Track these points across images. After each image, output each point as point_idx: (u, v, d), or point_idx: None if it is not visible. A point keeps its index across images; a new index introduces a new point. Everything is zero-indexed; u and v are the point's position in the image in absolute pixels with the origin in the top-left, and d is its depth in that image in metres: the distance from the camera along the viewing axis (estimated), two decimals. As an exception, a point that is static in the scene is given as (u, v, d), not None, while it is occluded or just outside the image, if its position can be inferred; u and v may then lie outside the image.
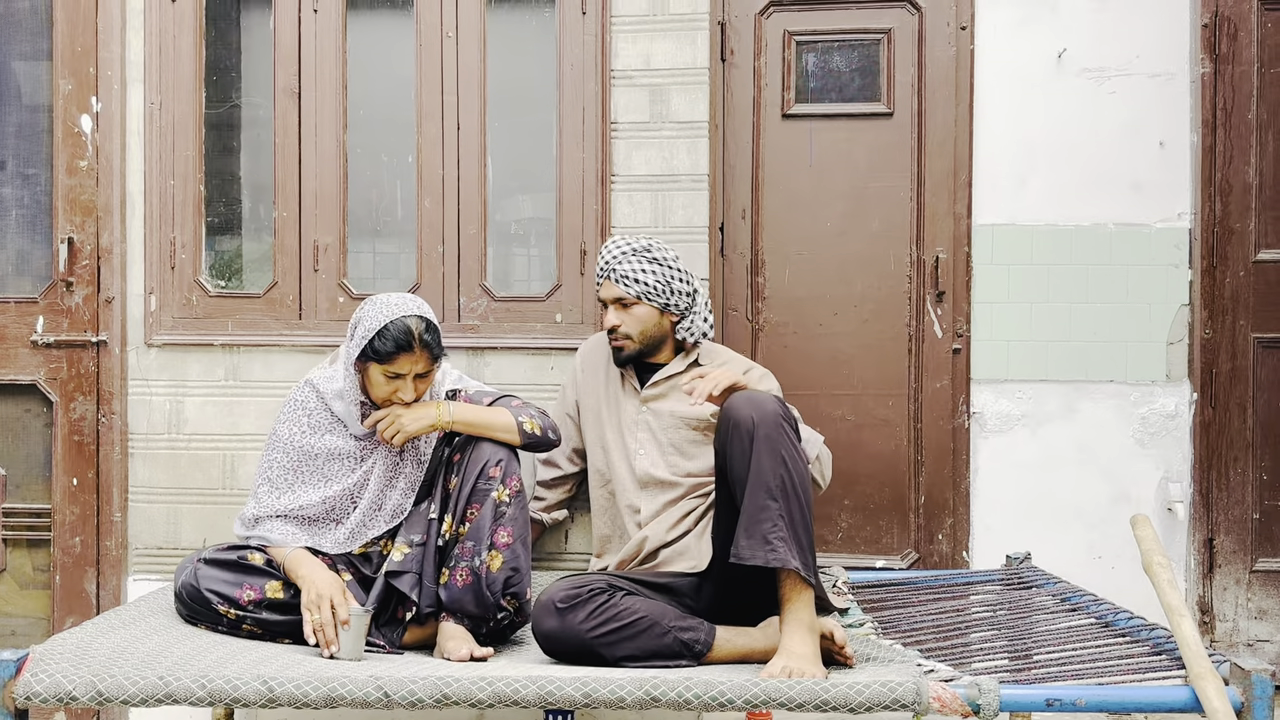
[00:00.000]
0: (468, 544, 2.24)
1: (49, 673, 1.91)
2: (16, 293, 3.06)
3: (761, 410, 2.12)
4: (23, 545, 3.08)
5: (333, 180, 3.01)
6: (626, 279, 2.52)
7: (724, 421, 2.18)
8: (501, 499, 2.27)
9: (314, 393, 2.39)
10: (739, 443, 2.11)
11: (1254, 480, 3.06)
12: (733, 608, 2.26)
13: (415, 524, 2.33)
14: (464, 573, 2.23)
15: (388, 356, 2.25)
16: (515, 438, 2.32)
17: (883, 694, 1.84)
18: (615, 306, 2.55)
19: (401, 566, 2.27)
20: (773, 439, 2.09)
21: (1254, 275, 3.06)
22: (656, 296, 2.52)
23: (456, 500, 2.28)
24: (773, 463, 2.07)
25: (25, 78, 3.10)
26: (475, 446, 2.31)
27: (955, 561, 3.08)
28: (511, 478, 2.29)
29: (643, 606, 2.14)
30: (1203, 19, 3.04)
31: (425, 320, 2.29)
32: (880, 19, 3.11)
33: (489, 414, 2.33)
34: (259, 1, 3.11)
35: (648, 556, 2.46)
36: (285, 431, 2.38)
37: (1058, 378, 3.08)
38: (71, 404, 3.02)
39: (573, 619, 2.10)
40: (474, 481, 2.27)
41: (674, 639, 2.12)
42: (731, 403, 2.18)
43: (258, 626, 2.25)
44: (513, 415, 2.34)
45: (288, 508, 2.33)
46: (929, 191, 3.10)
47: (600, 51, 2.94)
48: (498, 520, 2.26)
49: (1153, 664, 2.02)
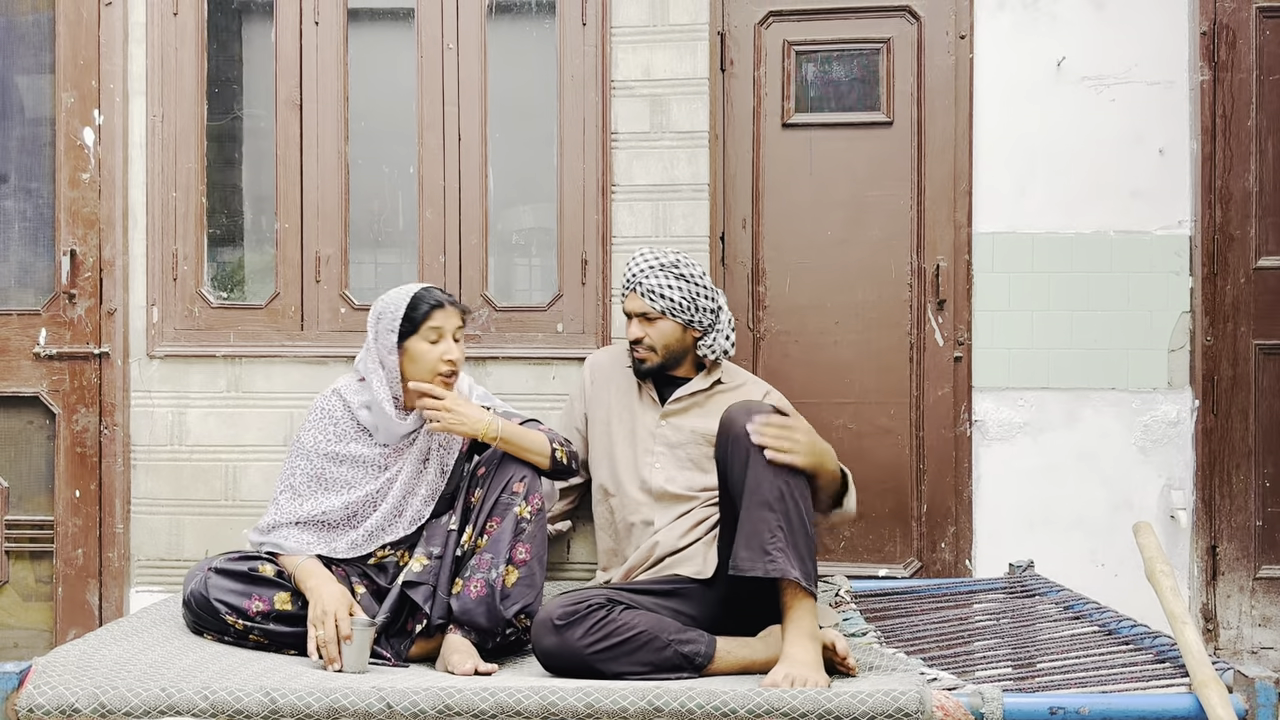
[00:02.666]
0: (485, 556, 2.25)
1: (52, 685, 1.91)
2: (19, 305, 3.07)
3: (758, 419, 2.11)
4: (25, 557, 3.08)
5: (334, 191, 3.02)
6: (652, 293, 2.51)
7: (722, 432, 2.18)
8: (523, 515, 2.28)
9: (341, 401, 2.42)
10: (737, 453, 2.12)
11: (1257, 487, 3.06)
12: (737, 616, 2.25)
13: (435, 536, 2.33)
14: (479, 584, 2.24)
15: (425, 316, 2.34)
16: (546, 462, 2.36)
17: (886, 703, 1.84)
18: (639, 320, 2.55)
19: (420, 578, 2.27)
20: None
21: (1254, 282, 3.06)
22: (680, 313, 2.52)
23: (479, 513, 2.29)
24: (770, 473, 2.07)
25: (28, 91, 3.11)
26: (502, 462, 2.33)
27: (958, 570, 3.08)
28: (534, 495, 2.31)
29: (642, 621, 2.13)
30: (1201, 27, 3.05)
31: (440, 288, 2.44)
32: (879, 29, 3.12)
33: (529, 436, 2.36)
34: (260, 14, 3.12)
35: (657, 561, 2.46)
36: (310, 439, 2.39)
37: (1059, 385, 3.08)
38: (74, 416, 3.03)
39: (571, 635, 2.09)
40: (497, 494, 2.29)
41: (674, 652, 2.11)
42: (729, 412, 2.18)
43: (264, 637, 2.25)
44: (546, 440, 2.37)
45: (309, 514, 2.34)
46: (929, 200, 3.10)
47: (600, 62, 2.95)
48: (517, 536, 2.26)
49: (1156, 672, 2.02)
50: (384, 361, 2.36)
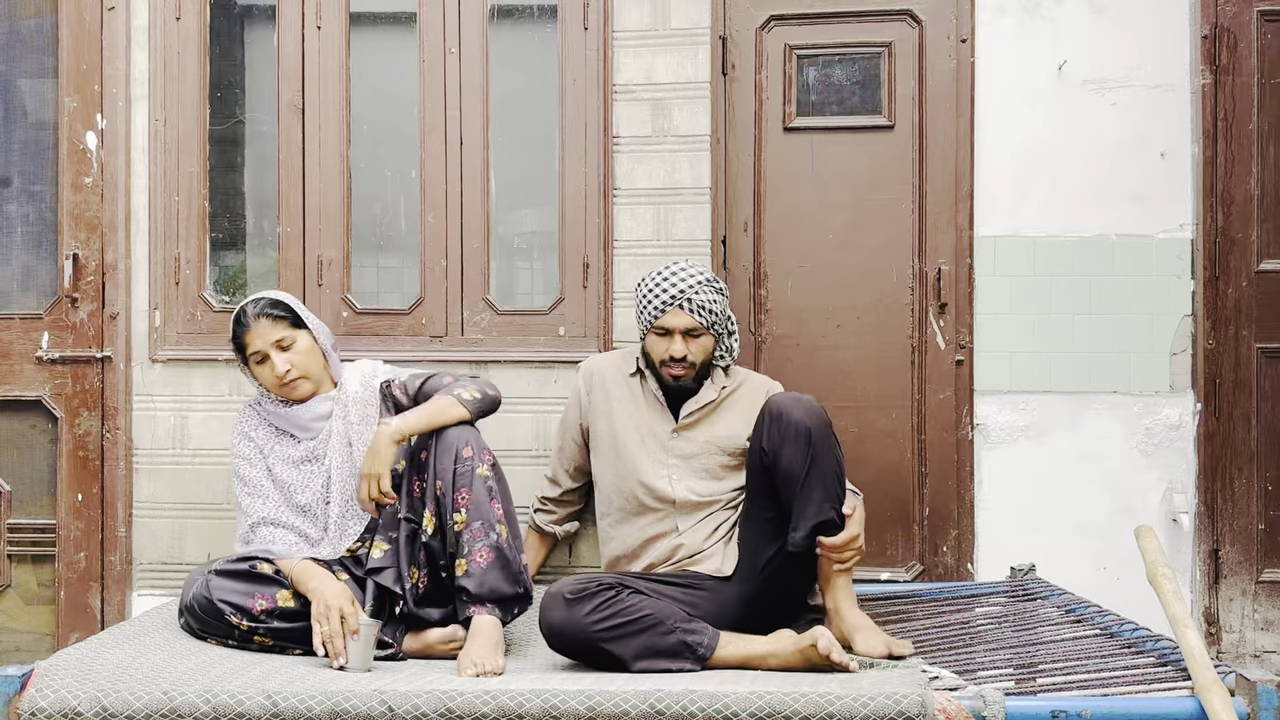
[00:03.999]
0: (475, 526, 2.26)
1: (54, 688, 1.91)
2: (22, 309, 3.07)
3: (813, 414, 2.29)
4: (27, 561, 3.08)
5: (336, 195, 3.02)
6: (702, 309, 2.47)
7: (776, 421, 2.29)
8: (485, 475, 2.30)
9: (253, 412, 2.50)
10: (794, 444, 2.26)
11: (1259, 490, 3.06)
12: (752, 615, 2.30)
13: (391, 521, 2.36)
14: (483, 551, 2.25)
15: (242, 344, 2.40)
16: (464, 412, 2.35)
17: (888, 706, 1.84)
18: (684, 337, 2.49)
19: (381, 563, 2.30)
20: (829, 441, 2.30)
21: (1256, 285, 3.06)
22: (719, 325, 2.54)
23: (441, 494, 2.28)
24: (829, 462, 2.27)
25: (30, 95, 3.12)
26: (439, 438, 2.32)
27: (960, 573, 3.07)
28: (484, 452, 2.33)
29: (649, 605, 2.17)
30: (1203, 30, 3.05)
31: (261, 298, 2.42)
32: (881, 32, 3.12)
33: (430, 406, 2.36)
34: (263, 18, 3.13)
35: (678, 562, 2.47)
36: (243, 449, 2.46)
37: (1061, 389, 3.08)
38: (76, 419, 3.03)
39: (579, 610, 2.13)
40: (453, 468, 2.28)
41: (678, 640, 2.15)
42: (781, 404, 2.31)
43: (269, 637, 2.26)
44: (453, 396, 2.36)
45: (275, 515, 2.37)
46: (930, 203, 3.10)
47: (602, 66, 2.95)
48: (491, 496, 2.29)
49: (1158, 675, 2.01)
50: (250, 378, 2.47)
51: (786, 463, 2.26)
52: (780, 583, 2.35)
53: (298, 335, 2.40)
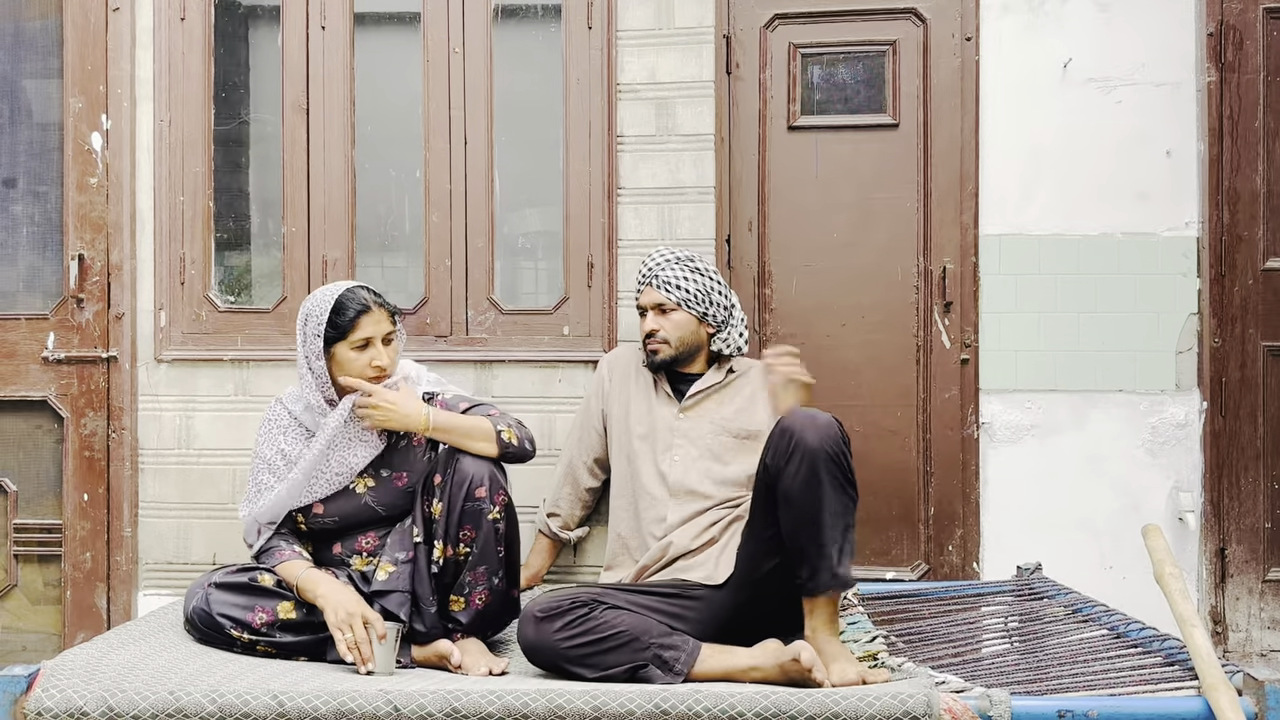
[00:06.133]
0: (479, 569, 2.25)
1: (60, 688, 1.91)
2: (28, 309, 3.08)
3: (825, 434, 2.16)
4: (34, 561, 3.09)
5: (341, 195, 3.03)
6: (668, 285, 2.56)
7: (785, 440, 2.18)
8: (495, 517, 2.25)
9: (283, 409, 2.42)
10: (802, 469, 2.15)
11: (1266, 489, 3.05)
12: (743, 623, 2.25)
13: (399, 544, 2.30)
14: (482, 594, 2.27)
15: (350, 325, 2.28)
16: (493, 448, 2.29)
17: (894, 706, 1.84)
18: (654, 311, 2.59)
19: (387, 585, 2.24)
20: (841, 466, 2.17)
21: (1262, 283, 3.05)
22: (695, 304, 2.56)
23: (446, 525, 2.26)
24: (837, 493, 2.15)
25: (36, 96, 3.12)
26: (457, 467, 2.27)
27: (965, 573, 3.07)
28: (499, 493, 2.26)
29: (626, 621, 2.13)
30: (1208, 28, 3.04)
31: (367, 286, 2.36)
32: (885, 31, 3.12)
33: (468, 421, 2.31)
34: (267, 19, 3.13)
35: (670, 562, 2.45)
36: (261, 449, 2.39)
37: (1067, 387, 3.07)
38: (82, 420, 3.03)
39: (548, 629, 2.11)
40: (461, 503, 2.24)
41: (654, 655, 2.10)
42: (793, 422, 2.19)
43: (272, 648, 2.23)
44: (491, 424, 2.31)
45: (274, 509, 2.33)
46: (935, 202, 3.10)
47: (606, 65, 2.95)
48: (498, 541, 2.26)
49: (1165, 675, 2.01)
50: (312, 366, 2.32)
51: (785, 486, 2.18)
52: (774, 594, 2.30)
53: (398, 331, 2.39)
